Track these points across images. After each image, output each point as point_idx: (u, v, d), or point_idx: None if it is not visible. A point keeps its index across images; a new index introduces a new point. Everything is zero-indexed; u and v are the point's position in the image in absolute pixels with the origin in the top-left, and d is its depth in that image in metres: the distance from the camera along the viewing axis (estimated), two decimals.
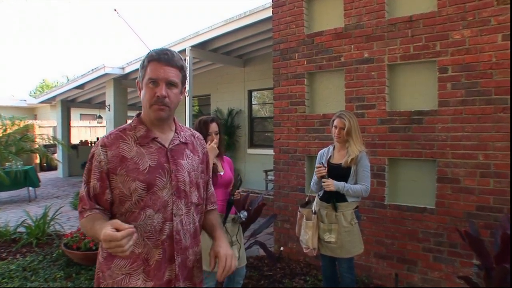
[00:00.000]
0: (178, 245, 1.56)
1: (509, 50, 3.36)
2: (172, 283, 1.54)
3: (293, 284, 4.07)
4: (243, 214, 3.11)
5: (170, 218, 1.53)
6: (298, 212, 3.37)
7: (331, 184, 3.06)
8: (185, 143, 1.65)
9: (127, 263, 1.49)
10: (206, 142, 3.01)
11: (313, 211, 3.25)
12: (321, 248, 3.22)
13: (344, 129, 3.15)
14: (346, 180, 3.12)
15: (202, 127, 3.01)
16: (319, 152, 3.48)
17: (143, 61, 1.53)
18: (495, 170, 3.44)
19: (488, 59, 3.46)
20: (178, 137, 1.63)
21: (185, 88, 1.62)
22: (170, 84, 1.50)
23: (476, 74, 3.53)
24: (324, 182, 3.09)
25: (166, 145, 1.58)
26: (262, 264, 4.66)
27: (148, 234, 1.50)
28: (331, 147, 3.39)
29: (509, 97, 3.37)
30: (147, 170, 1.50)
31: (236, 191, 3.00)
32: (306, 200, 3.44)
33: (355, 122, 3.19)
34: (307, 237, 3.23)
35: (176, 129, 1.64)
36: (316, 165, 3.23)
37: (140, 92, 1.56)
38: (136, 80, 1.60)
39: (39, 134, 7.65)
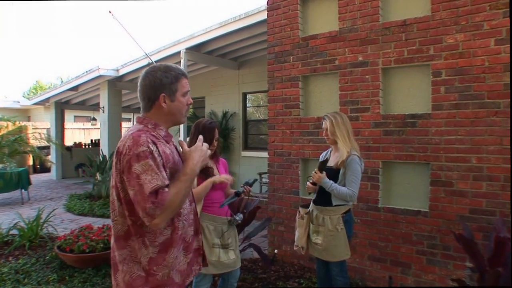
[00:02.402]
0: (198, 220, 1.97)
1: (501, 55, 3.40)
2: (200, 250, 1.96)
3: (287, 287, 4.07)
4: (239, 217, 3.11)
5: (192, 199, 1.93)
6: (298, 212, 3.40)
7: (320, 177, 3.06)
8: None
9: (176, 248, 1.73)
10: (208, 148, 3.00)
11: (308, 211, 3.27)
12: (310, 248, 3.25)
13: (328, 129, 3.18)
14: (335, 182, 3.12)
15: (206, 133, 2.99)
16: (320, 156, 3.49)
17: (176, 76, 1.77)
18: (488, 174, 3.47)
19: (481, 63, 3.50)
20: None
21: None
22: None
23: (469, 78, 3.56)
24: (315, 172, 3.10)
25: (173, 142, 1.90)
26: (256, 266, 4.66)
27: (185, 216, 1.80)
28: (329, 150, 3.40)
29: (501, 101, 3.40)
30: (178, 163, 1.77)
31: (247, 186, 3.00)
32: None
33: (339, 121, 3.17)
34: (297, 235, 3.28)
35: None
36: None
37: (165, 103, 1.75)
38: (162, 94, 1.74)
39: (32, 133, 7.58)
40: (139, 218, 1.60)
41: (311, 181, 3.16)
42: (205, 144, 1.77)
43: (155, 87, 1.74)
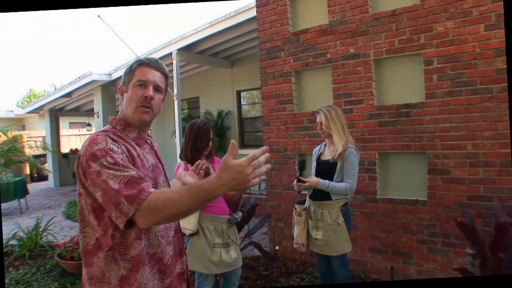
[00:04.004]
0: (182, 239, 1.67)
1: (491, 40, 3.39)
2: (184, 275, 1.63)
3: (290, 283, 4.07)
4: (238, 215, 3.11)
5: None
6: (294, 209, 3.39)
7: (315, 183, 3.05)
8: (156, 145, 1.73)
9: (148, 267, 1.45)
10: (205, 149, 2.99)
11: (305, 207, 3.26)
12: (311, 244, 3.24)
13: (322, 123, 3.17)
14: (332, 176, 3.12)
15: (202, 134, 2.96)
16: (313, 150, 3.49)
17: (131, 66, 1.56)
18: (484, 159, 3.47)
19: (472, 50, 3.49)
20: (152, 140, 1.70)
21: (164, 99, 1.63)
22: (156, 89, 1.54)
23: (461, 65, 3.56)
24: (305, 182, 3.08)
25: (153, 147, 1.66)
26: (258, 264, 4.66)
27: (161, 232, 1.52)
28: (323, 144, 3.39)
29: (494, 86, 3.40)
30: (151, 168, 1.52)
31: None
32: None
33: (333, 115, 3.15)
34: (296, 232, 3.26)
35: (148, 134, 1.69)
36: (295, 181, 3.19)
37: (123, 97, 1.57)
38: (119, 85, 1.59)
39: (27, 141, 7.56)
40: (110, 226, 1.38)
41: (300, 183, 3.11)
42: (266, 166, 1.26)
43: None
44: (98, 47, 71.45)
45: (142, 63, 1.55)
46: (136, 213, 1.26)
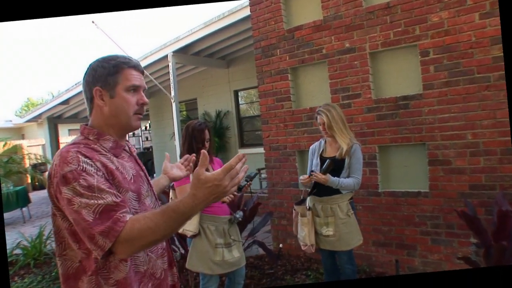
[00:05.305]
0: (171, 248, 1.56)
1: (486, 29, 3.38)
2: (176, 287, 1.53)
3: (295, 280, 4.06)
4: (239, 214, 3.11)
5: None
6: (294, 210, 3.36)
7: (325, 179, 3.01)
8: (135, 151, 1.61)
9: (137, 287, 1.34)
10: (199, 151, 2.97)
11: (308, 207, 3.23)
12: (320, 243, 3.20)
13: (325, 124, 3.15)
14: (339, 172, 3.11)
15: (197, 135, 2.96)
16: (310, 147, 3.46)
17: (115, 67, 1.39)
18: (484, 148, 3.46)
19: (468, 39, 3.48)
20: (130, 145, 1.57)
21: None
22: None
23: (457, 55, 3.55)
24: (316, 176, 3.05)
25: (132, 153, 1.52)
26: (263, 263, 4.65)
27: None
28: (322, 141, 3.37)
29: (491, 74, 3.39)
30: (132, 179, 1.39)
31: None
32: (302, 198, 3.42)
33: (334, 114, 3.13)
34: (303, 234, 3.22)
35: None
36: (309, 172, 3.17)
37: (103, 101, 1.40)
38: (96, 88, 1.39)
39: (27, 154, 7.56)
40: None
41: (307, 177, 3.09)
42: (243, 168, 1.19)
43: (89, 81, 1.40)
44: (93, 52, 71.45)
45: (131, 65, 1.41)
46: (114, 246, 1.16)
